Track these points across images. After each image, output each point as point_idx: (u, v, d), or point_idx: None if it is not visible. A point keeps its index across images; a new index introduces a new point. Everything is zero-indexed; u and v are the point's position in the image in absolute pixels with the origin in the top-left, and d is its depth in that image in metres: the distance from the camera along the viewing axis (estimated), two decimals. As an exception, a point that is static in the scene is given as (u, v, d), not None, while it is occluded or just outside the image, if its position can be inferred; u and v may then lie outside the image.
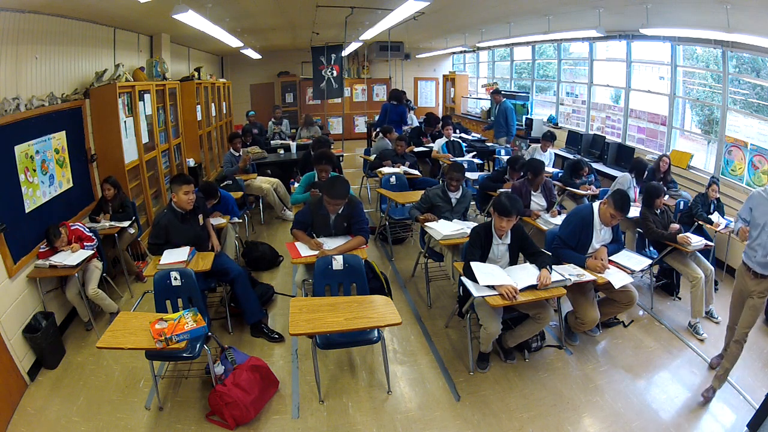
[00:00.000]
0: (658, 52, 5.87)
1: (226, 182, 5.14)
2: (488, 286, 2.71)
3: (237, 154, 5.67)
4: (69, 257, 3.30)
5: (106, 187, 4.05)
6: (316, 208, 3.36)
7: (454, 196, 3.91)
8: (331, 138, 7.76)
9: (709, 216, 4.08)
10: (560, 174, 5.33)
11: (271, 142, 7.22)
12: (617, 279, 2.97)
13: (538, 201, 4.19)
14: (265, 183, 5.69)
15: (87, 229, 3.59)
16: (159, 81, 5.53)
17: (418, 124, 8.24)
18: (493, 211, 2.97)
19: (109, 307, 3.57)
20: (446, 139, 6.68)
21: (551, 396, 2.84)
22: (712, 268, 3.68)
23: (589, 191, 4.91)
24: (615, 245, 3.26)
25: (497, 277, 2.77)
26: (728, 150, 4.77)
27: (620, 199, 3.04)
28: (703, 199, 4.17)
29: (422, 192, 4.62)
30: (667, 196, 4.39)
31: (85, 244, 3.47)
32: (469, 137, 8.17)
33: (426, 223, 3.67)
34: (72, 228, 3.49)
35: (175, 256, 3.10)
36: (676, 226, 3.68)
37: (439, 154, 6.48)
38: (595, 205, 3.20)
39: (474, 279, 2.76)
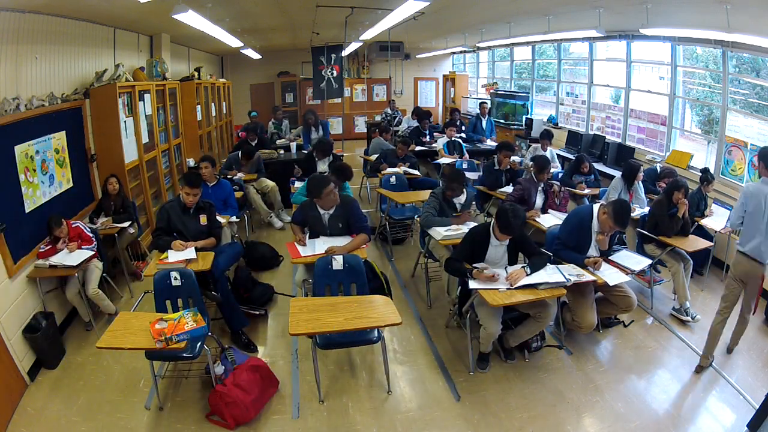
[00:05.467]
0: (658, 52, 5.87)
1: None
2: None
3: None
4: (69, 257, 3.30)
5: (111, 181, 4.05)
6: (308, 209, 3.37)
7: (458, 201, 3.86)
8: (331, 138, 7.76)
9: (705, 214, 4.09)
10: (560, 174, 5.33)
11: (277, 141, 7.23)
12: (613, 278, 2.97)
13: (538, 198, 4.19)
14: (263, 187, 5.69)
15: (88, 229, 3.59)
16: (159, 81, 5.53)
17: (411, 124, 8.28)
18: (496, 225, 2.94)
19: (107, 308, 3.57)
20: (447, 139, 6.69)
21: (551, 396, 2.84)
22: (691, 261, 3.73)
23: (587, 191, 4.92)
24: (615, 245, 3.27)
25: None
26: (728, 150, 4.77)
27: (620, 211, 2.96)
28: (699, 196, 4.17)
29: (420, 191, 4.61)
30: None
31: (83, 245, 3.46)
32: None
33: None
34: (73, 225, 3.49)
35: (181, 255, 3.09)
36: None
37: (446, 154, 6.51)
38: (595, 207, 3.19)
39: (455, 275, 2.99)
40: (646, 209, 4.14)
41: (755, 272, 2.84)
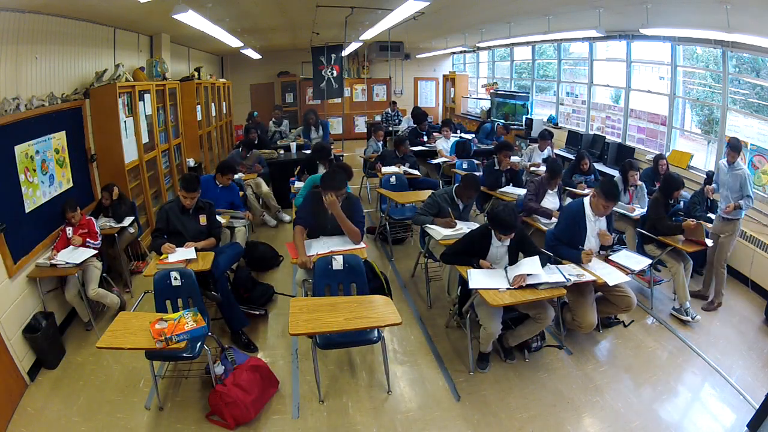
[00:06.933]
0: (658, 52, 5.87)
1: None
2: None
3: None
4: (72, 255, 3.33)
5: (105, 195, 4.08)
6: (317, 199, 3.32)
7: (463, 202, 3.88)
8: (331, 138, 7.77)
9: (708, 215, 4.07)
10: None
11: (278, 142, 7.25)
12: (612, 277, 2.98)
13: (552, 200, 4.19)
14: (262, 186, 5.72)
15: (98, 227, 3.66)
16: (159, 81, 5.53)
17: (411, 125, 8.30)
18: (493, 227, 2.96)
19: (112, 303, 3.58)
20: (446, 139, 6.69)
21: (551, 396, 2.84)
22: (691, 261, 3.73)
23: (587, 191, 4.92)
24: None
25: (489, 281, 2.81)
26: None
27: (608, 186, 3.07)
28: (700, 197, 4.16)
29: (420, 191, 4.60)
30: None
31: (89, 239, 3.51)
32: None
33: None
34: (87, 217, 3.59)
35: (181, 255, 3.09)
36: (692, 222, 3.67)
37: (446, 154, 6.48)
38: (586, 199, 3.22)
39: (455, 263, 3.06)
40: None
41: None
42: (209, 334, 2.69)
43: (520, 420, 2.66)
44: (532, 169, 5.91)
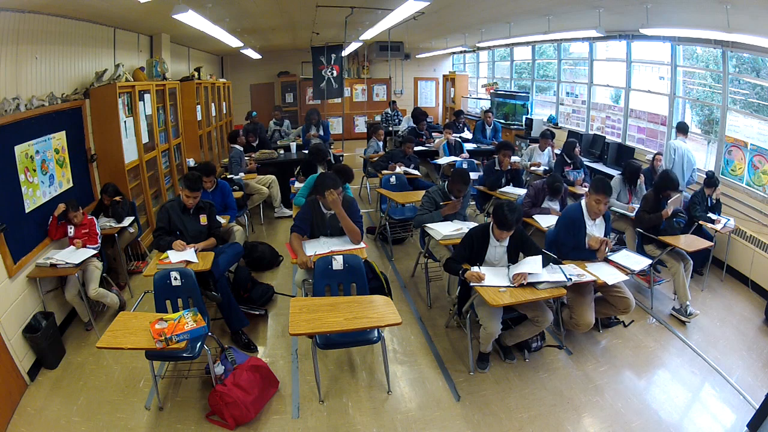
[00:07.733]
0: (658, 52, 5.87)
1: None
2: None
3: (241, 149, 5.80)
4: (71, 255, 3.32)
5: (104, 197, 4.08)
6: (315, 205, 3.32)
7: (455, 197, 3.87)
8: (330, 138, 7.78)
9: (708, 215, 4.07)
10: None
11: (278, 141, 7.27)
12: (611, 277, 2.98)
13: (552, 205, 4.21)
14: (264, 182, 5.72)
15: (99, 228, 3.66)
16: (159, 81, 5.53)
17: (410, 125, 8.31)
18: (494, 223, 2.95)
19: (113, 303, 3.58)
20: (446, 140, 6.71)
21: (551, 396, 2.84)
22: (691, 261, 3.73)
23: (583, 188, 4.93)
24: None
25: (490, 278, 2.82)
26: (728, 150, 4.77)
27: (599, 181, 3.13)
28: (700, 197, 4.16)
29: (420, 192, 4.60)
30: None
31: (88, 242, 3.51)
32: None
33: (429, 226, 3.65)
34: (88, 217, 3.60)
35: (182, 255, 3.09)
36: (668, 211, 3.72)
37: (446, 155, 6.53)
38: (583, 201, 3.22)
39: (453, 273, 3.04)
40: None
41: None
42: (209, 334, 2.69)
43: (520, 420, 2.66)
44: (532, 168, 5.92)
